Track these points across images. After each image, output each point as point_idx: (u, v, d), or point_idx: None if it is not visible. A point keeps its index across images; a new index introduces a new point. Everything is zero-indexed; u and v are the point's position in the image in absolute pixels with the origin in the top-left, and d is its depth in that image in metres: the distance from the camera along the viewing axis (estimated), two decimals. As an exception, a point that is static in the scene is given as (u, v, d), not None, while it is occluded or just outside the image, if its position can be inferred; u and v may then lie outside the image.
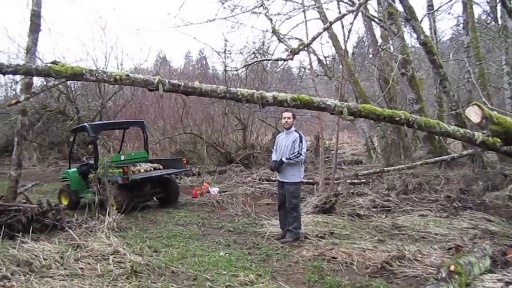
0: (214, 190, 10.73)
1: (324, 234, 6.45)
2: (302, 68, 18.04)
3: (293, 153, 6.33)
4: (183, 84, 4.68)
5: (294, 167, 6.43)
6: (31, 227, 6.71)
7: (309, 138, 18.89)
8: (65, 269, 5.03)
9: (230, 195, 10.15)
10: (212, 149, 16.30)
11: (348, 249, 5.54)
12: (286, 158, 6.35)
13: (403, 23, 12.44)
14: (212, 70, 21.30)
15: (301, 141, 6.36)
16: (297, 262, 5.40)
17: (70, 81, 17.64)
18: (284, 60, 6.42)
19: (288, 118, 6.53)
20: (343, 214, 7.74)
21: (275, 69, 18.54)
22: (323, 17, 14.35)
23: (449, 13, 32.69)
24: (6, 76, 7.06)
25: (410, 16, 10.67)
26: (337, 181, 10.28)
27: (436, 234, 6.30)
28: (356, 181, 10.98)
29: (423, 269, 4.85)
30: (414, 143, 14.74)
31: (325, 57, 16.65)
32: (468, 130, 5.33)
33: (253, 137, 17.62)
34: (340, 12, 14.19)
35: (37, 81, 15.88)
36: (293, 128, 6.56)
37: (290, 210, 6.41)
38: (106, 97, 19.48)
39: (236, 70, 10.42)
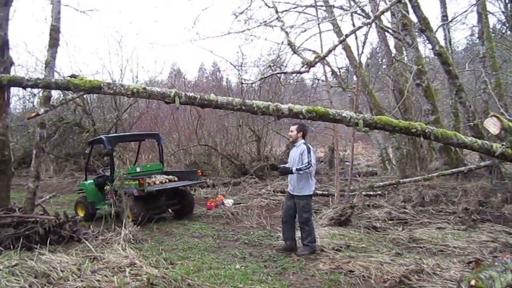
0: (229, 202, 10.72)
1: (341, 247, 6.39)
2: (316, 80, 18.05)
3: (301, 163, 6.24)
4: (199, 97, 4.69)
5: (303, 179, 6.31)
6: (48, 239, 6.75)
7: (323, 150, 18.84)
8: (82, 281, 5.03)
9: (245, 207, 10.13)
10: (226, 161, 16.34)
11: (365, 262, 5.48)
12: (296, 169, 6.25)
13: (417, 33, 12.40)
14: (226, 82, 21.46)
15: (308, 152, 6.26)
16: (314, 275, 5.34)
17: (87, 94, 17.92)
18: (300, 72, 6.42)
19: (291, 131, 6.53)
20: (359, 226, 7.68)
21: (289, 81, 18.59)
22: (336, 29, 14.39)
23: (463, 23, 32.66)
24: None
25: (425, 27, 10.63)
26: (353, 193, 10.16)
27: (454, 247, 6.20)
28: (371, 193, 10.90)
29: (442, 284, 4.76)
30: (429, 154, 14.58)
31: (339, 69, 16.65)
32: (486, 142, 5.25)
33: (267, 149, 17.64)
34: (353, 23, 14.23)
35: (55, 94, 16.16)
36: (301, 141, 6.46)
37: (302, 225, 6.34)
38: (122, 109, 19.72)
39: (253, 83, 10.45)
